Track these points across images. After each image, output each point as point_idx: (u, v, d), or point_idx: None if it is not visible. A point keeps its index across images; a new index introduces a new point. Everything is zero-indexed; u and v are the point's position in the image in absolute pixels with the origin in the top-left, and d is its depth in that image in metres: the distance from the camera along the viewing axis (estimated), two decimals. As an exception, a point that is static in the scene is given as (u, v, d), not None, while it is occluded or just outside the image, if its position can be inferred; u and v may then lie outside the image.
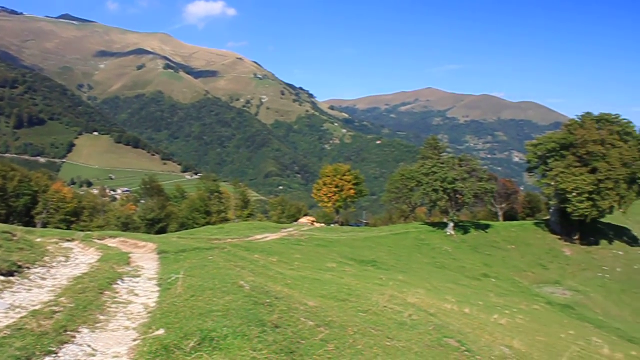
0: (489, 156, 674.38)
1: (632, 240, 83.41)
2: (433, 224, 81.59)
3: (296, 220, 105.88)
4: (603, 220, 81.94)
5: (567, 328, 33.68)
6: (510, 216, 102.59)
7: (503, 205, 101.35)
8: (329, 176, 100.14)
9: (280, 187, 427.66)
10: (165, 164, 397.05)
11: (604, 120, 78.28)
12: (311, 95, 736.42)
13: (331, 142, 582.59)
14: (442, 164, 75.46)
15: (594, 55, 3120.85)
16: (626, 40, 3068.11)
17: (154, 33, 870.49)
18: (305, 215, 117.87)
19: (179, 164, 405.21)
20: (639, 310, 63.38)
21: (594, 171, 72.16)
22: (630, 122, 78.78)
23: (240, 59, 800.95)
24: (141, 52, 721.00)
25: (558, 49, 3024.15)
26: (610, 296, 64.63)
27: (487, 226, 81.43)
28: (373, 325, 13.26)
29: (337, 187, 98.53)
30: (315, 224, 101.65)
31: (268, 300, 11.28)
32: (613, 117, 79.00)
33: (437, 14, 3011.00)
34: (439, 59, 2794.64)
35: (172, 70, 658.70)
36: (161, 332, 8.83)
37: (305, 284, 18.75)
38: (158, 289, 13.32)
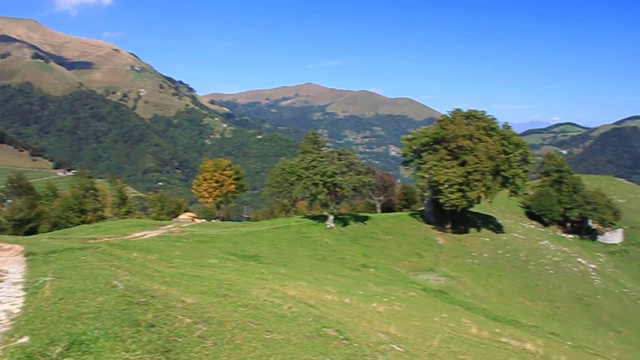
0: (367, 150, 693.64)
1: (497, 228, 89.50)
2: (313, 217, 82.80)
3: (176, 217, 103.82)
4: (472, 209, 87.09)
5: (440, 312, 35.36)
6: (387, 208, 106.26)
7: (381, 198, 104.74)
8: (209, 171, 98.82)
9: (160, 183, 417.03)
10: (34, 160, 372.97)
11: (471, 116, 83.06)
12: (191, 89, 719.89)
13: (211, 136, 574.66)
14: (322, 158, 76.65)
15: (462, 55, 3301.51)
16: (490, 41, 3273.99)
17: (19, 19, 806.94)
18: (186, 211, 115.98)
19: (51, 160, 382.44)
20: (502, 291, 68.26)
21: (463, 164, 76.32)
22: (494, 118, 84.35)
23: (117, 50, 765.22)
24: (5, 39, 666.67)
25: (430, 47, 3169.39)
26: (478, 280, 68.97)
27: (366, 218, 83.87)
28: (252, 319, 13.31)
29: (217, 182, 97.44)
30: (195, 219, 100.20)
31: (143, 299, 11.00)
32: (479, 113, 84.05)
33: (318, 10, 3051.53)
34: (320, 55, 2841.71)
35: (41, 60, 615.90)
36: (25, 339, 8.34)
37: (183, 281, 18.41)
38: (24, 293, 12.56)
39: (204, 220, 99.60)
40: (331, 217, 77.22)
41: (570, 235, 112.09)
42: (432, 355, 17.52)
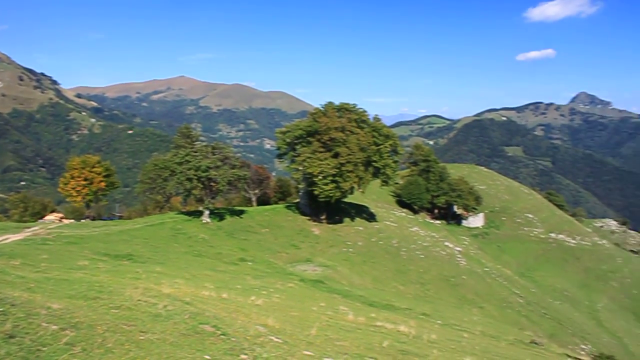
0: (241, 144, 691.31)
1: (370, 217, 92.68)
2: (189, 213, 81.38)
3: (42, 218, 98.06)
4: (345, 200, 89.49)
5: (318, 301, 36.04)
6: (263, 201, 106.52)
7: (256, 191, 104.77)
8: (77, 168, 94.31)
9: (22, 183, 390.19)
10: None
11: (343, 109, 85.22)
12: (55, 82, 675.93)
13: (79, 132, 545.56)
14: (196, 152, 75.45)
15: (335, 49, 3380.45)
16: (361, 37, 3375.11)
17: None
18: (52, 211, 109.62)
19: None
20: (377, 277, 70.92)
21: (336, 156, 78.16)
22: (365, 111, 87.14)
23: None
24: None
25: (302, 41, 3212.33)
26: (354, 268, 71.09)
27: (242, 212, 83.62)
28: (125, 321, 12.88)
29: (86, 179, 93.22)
30: (63, 220, 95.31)
31: (1, 309, 10.31)
32: (351, 106, 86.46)
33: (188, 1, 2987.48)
34: (191, 47, 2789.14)
35: None
36: None
37: (50, 286, 17.41)
38: None
39: (72, 220, 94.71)
40: (207, 212, 76.22)
41: (438, 221, 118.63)
42: (310, 343, 17.85)
